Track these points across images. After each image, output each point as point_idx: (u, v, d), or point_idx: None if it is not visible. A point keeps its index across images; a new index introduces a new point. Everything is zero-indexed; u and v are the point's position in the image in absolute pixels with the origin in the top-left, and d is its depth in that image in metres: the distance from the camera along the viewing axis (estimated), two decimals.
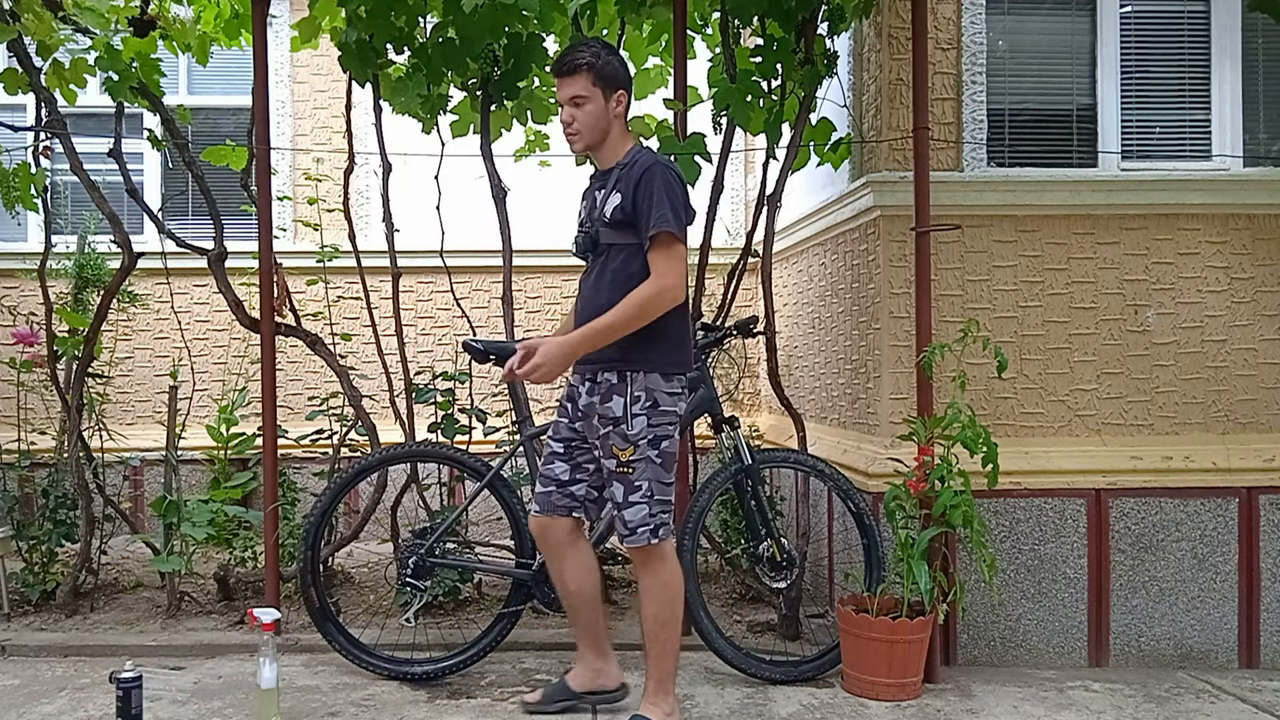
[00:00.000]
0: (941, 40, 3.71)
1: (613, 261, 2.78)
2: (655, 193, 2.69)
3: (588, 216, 2.89)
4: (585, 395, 2.84)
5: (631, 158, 2.80)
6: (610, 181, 2.81)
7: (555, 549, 3.00)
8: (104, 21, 3.86)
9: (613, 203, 2.77)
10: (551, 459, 2.97)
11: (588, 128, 2.78)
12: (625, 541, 2.80)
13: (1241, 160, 3.80)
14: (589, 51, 2.77)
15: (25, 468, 4.27)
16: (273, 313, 3.74)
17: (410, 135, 4.07)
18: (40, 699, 3.15)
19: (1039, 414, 3.70)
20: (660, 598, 2.81)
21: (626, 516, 2.77)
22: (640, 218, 2.71)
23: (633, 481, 2.75)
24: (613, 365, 2.75)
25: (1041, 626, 3.58)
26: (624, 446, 2.74)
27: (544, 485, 2.98)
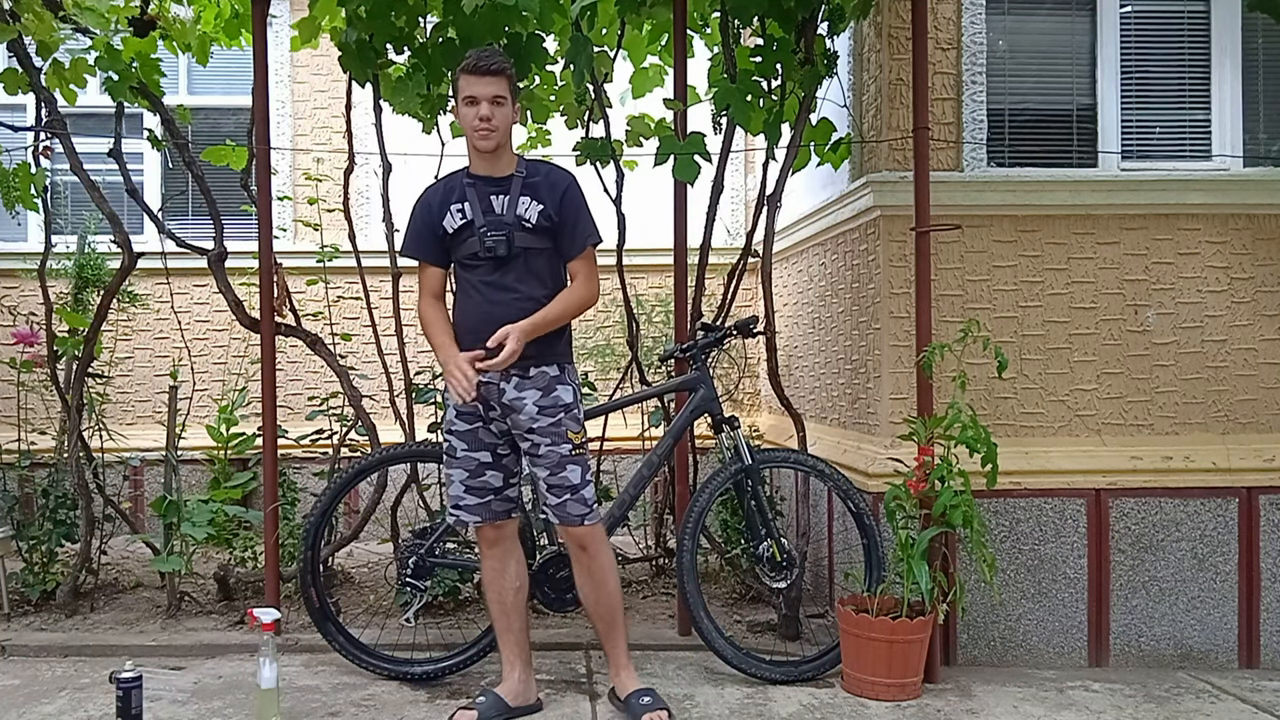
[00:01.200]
0: (941, 40, 3.71)
1: (533, 265, 2.93)
2: (582, 206, 2.96)
3: (487, 220, 2.89)
4: (512, 390, 2.89)
5: (531, 167, 2.97)
6: (514, 187, 2.92)
7: (504, 551, 3.06)
8: (104, 21, 3.86)
9: (536, 209, 2.90)
10: (482, 470, 2.98)
11: (504, 127, 2.91)
12: (587, 520, 2.94)
13: (1241, 160, 3.80)
14: (504, 59, 2.92)
15: (25, 468, 4.27)
16: (273, 313, 3.74)
17: (410, 135, 4.07)
18: (40, 699, 3.15)
19: (1039, 414, 3.70)
20: (614, 572, 3.03)
21: (586, 495, 2.94)
22: (567, 229, 2.93)
23: (585, 461, 2.97)
24: (550, 359, 2.93)
25: (1041, 626, 3.58)
26: (578, 430, 2.94)
27: (480, 496, 2.99)
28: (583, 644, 3.65)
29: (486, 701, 2.97)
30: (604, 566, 3.00)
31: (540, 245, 2.92)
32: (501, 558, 3.06)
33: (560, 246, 2.95)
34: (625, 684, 3.01)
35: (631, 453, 4.66)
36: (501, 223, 2.89)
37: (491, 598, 3.08)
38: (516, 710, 3.00)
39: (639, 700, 2.93)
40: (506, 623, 3.06)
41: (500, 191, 2.93)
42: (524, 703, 3.02)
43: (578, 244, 2.95)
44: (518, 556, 3.10)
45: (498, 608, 3.07)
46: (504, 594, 3.06)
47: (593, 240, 2.98)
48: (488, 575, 3.08)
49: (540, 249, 2.92)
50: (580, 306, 2.98)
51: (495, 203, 2.92)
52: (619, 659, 3.04)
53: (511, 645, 3.06)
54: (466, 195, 2.94)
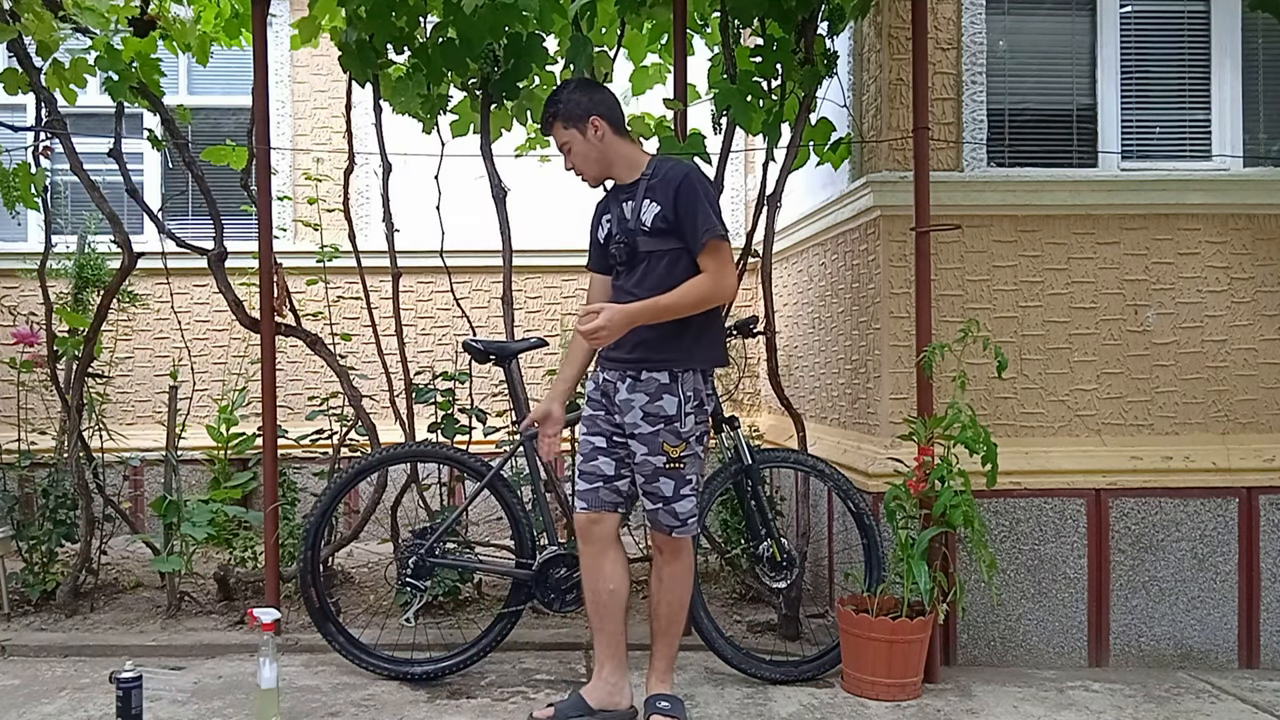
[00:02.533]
0: (941, 40, 3.71)
1: (655, 268, 2.86)
2: (698, 200, 2.83)
3: (619, 228, 2.91)
4: (625, 391, 2.86)
5: (656, 167, 2.91)
6: (639, 192, 2.89)
7: (600, 546, 2.97)
8: (104, 21, 3.86)
9: (652, 211, 2.85)
10: (595, 454, 2.95)
11: (585, 164, 2.95)
12: (675, 533, 2.91)
13: (1241, 160, 3.80)
14: (551, 101, 2.94)
15: (25, 468, 4.27)
16: (273, 313, 3.74)
17: (410, 135, 4.06)
18: (40, 699, 3.15)
19: (1039, 414, 3.70)
20: (685, 582, 2.99)
21: (678, 509, 2.89)
22: (686, 225, 2.83)
23: (684, 476, 2.89)
24: (662, 365, 2.84)
25: (1041, 626, 3.58)
26: (676, 444, 2.85)
27: (589, 482, 2.96)
28: (583, 644, 3.65)
29: (568, 701, 2.94)
30: (674, 575, 2.96)
31: (665, 247, 2.84)
32: (596, 555, 2.97)
33: (686, 245, 2.84)
34: (651, 686, 2.96)
35: None
36: (626, 229, 2.88)
37: (586, 594, 3.04)
38: (599, 715, 2.93)
39: (656, 703, 2.90)
40: (598, 623, 2.99)
41: (629, 198, 2.91)
42: (610, 707, 2.94)
43: (698, 239, 2.81)
44: (614, 556, 2.97)
45: (591, 605, 3.01)
46: (597, 593, 2.98)
47: (713, 233, 2.80)
48: (583, 571, 3.02)
49: (665, 250, 2.84)
50: (701, 298, 2.81)
51: (626, 209, 2.91)
52: (657, 664, 2.98)
53: (601, 645, 3.00)
54: (610, 207, 2.98)
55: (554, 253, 5.48)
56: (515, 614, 3.37)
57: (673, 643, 2.99)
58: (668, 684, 2.97)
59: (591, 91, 2.94)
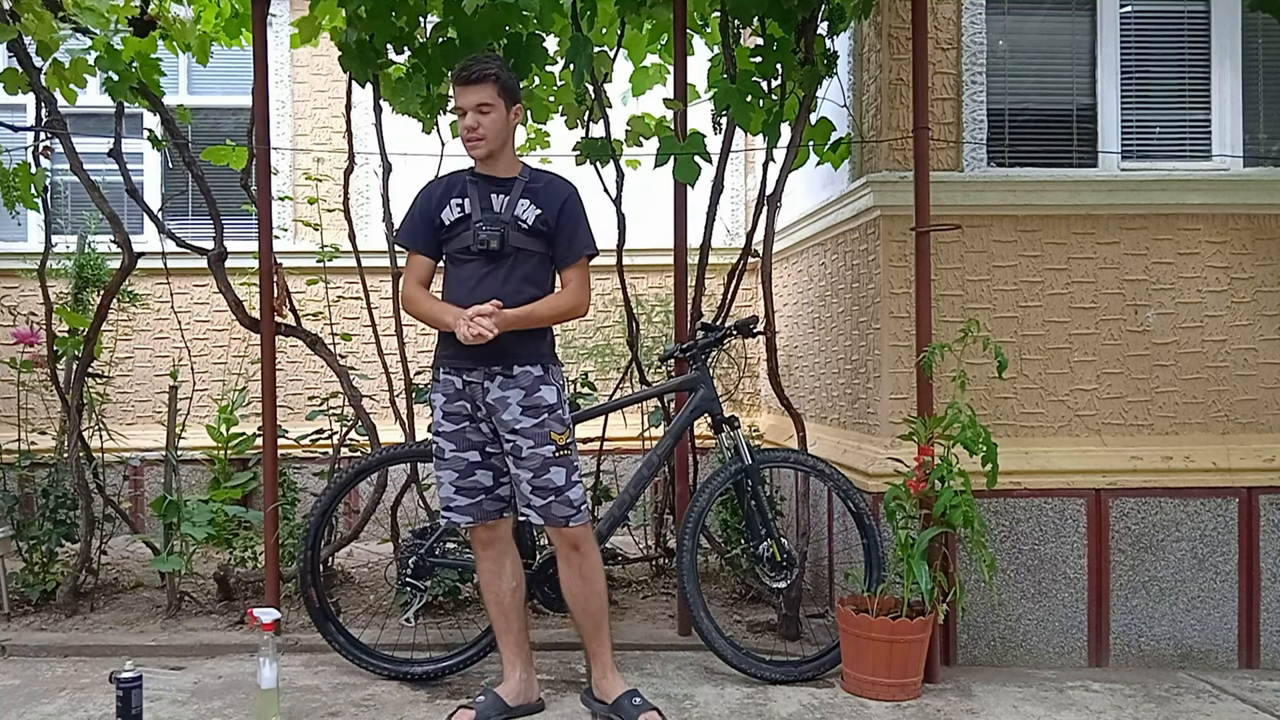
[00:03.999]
0: (941, 40, 3.71)
1: (523, 265, 2.93)
2: (581, 218, 2.98)
3: (485, 217, 2.91)
4: (496, 390, 2.89)
5: (534, 175, 3.00)
6: (515, 191, 2.95)
7: (500, 549, 3.06)
8: (104, 21, 3.86)
9: (534, 212, 2.92)
10: (472, 469, 2.96)
11: (492, 134, 2.91)
12: (573, 521, 2.92)
13: (1241, 160, 3.80)
14: (494, 64, 2.92)
15: (25, 468, 4.27)
16: (273, 313, 3.74)
17: (410, 135, 4.07)
18: (40, 699, 3.15)
19: (1039, 414, 3.70)
20: (600, 573, 3.02)
21: (571, 497, 2.91)
22: (563, 235, 2.95)
23: (572, 463, 2.94)
24: (535, 360, 2.92)
25: (1041, 626, 3.58)
26: (562, 431, 2.91)
27: (470, 496, 2.98)
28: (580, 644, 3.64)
29: (486, 701, 2.96)
30: (594, 566, 2.99)
31: (533, 248, 2.93)
32: (497, 558, 3.05)
33: (555, 253, 2.96)
34: (612, 686, 2.98)
35: (631, 453, 4.66)
36: (498, 220, 2.91)
37: (489, 599, 3.08)
38: (516, 710, 2.99)
39: (631, 701, 2.92)
40: (505, 623, 3.06)
41: (501, 191, 2.95)
42: (524, 702, 3.02)
43: (573, 253, 2.95)
44: (513, 556, 3.09)
45: (495, 609, 3.07)
46: (501, 595, 3.05)
47: (588, 251, 2.97)
48: (484, 576, 3.08)
49: (532, 252, 2.93)
50: (566, 312, 2.97)
51: (495, 201, 2.94)
52: (605, 661, 3.01)
53: (511, 645, 3.06)
54: (468, 191, 2.97)
55: None
56: None
57: (608, 639, 3.03)
58: (620, 681, 2.99)
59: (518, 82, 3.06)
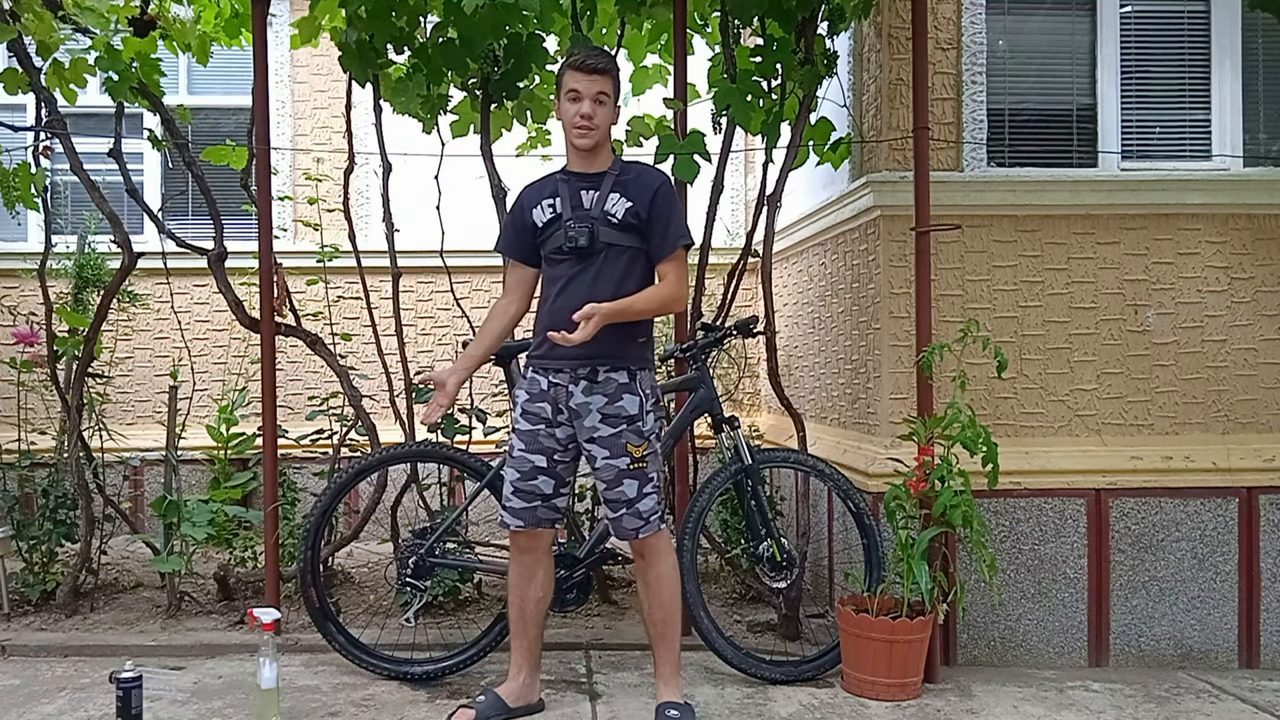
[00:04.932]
0: (941, 40, 3.71)
1: (615, 262, 2.85)
2: (675, 206, 2.90)
3: (575, 214, 2.86)
4: (580, 395, 2.84)
5: (624, 166, 2.93)
6: (605, 185, 2.88)
7: (535, 557, 3.01)
8: (104, 21, 3.86)
9: (624, 206, 2.84)
10: (535, 473, 2.91)
11: (604, 125, 2.90)
12: (642, 533, 2.87)
13: (1241, 160, 3.80)
14: (611, 58, 2.94)
15: (25, 468, 4.27)
16: (273, 313, 3.74)
17: (410, 135, 4.07)
18: (40, 699, 3.15)
19: (1039, 414, 3.70)
20: (673, 582, 2.96)
21: (641, 509, 2.86)
22: (658, 227, 2.87)
23: (646, 475, 2.87)
24: (620, 364, 2.84)
25: (1041, 626, 3.58)
26: (639, 443, 2.85)
27: (526, 500, 2.93)
28: (583, 644, 3.65)
29: (486, 701, 2.96)
30: (660, 576, 2.92)
31: (625, 243, 2.85)
32: (530, 565, 3.00)
33: (650, 246, 2.88)
34: (660, 694, 2.94)
35: None
36: (588, 216, 2.85)
37: (512, 601, 3.03)
38: (516, 710, 2.98)
39: (665, 711, 2.87)
40: (521, 628, 3.02)
41: (591, 187, 2.89)
42: (524, 703, 3.01)
43: (668, 244, 2.86)
44: (547, 568, 3.04)
45: (516, 612, 3.03)
46: (525, 602, 3.01)
47: (684, 241, 2.88)
48: (513, 579, 3.02)
49: (625, 247, 2.85)
50: (664, 304, 2.89)
51: (585, 198, 2.89)
52: (662, 670, 2.95)
53: (522, 650, 3.03)
54: (559, 190, 2.93)
55: None
56: None
57: (673, 646, 2.95)
58: (675, 690, 2.94)
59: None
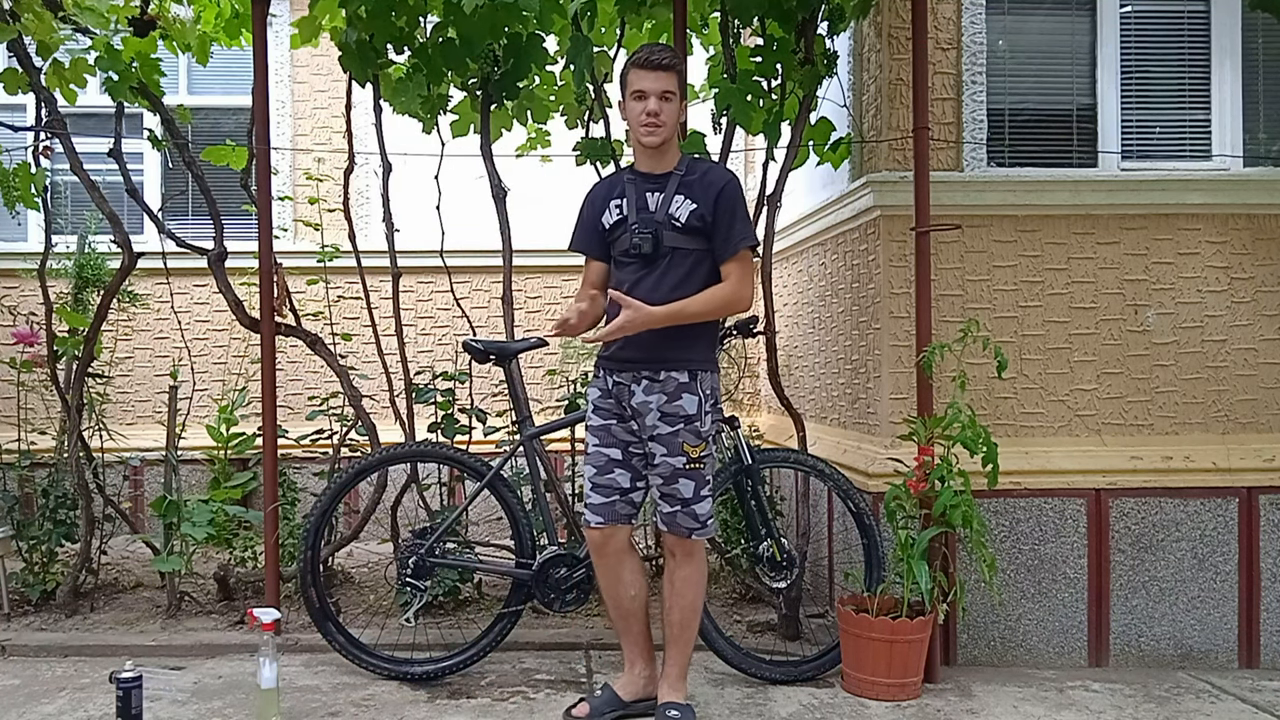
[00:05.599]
0: (941, 40, 3.71)
1: (679, 265, 2.84)
2: (739, 207, 2.85)
3: (640, 217, 2.85)
4: (641, 393, 2.84)
5: (690, 165, 2.89)
6: (671, 186, 2.86)
7: (616, 557, 2.96)
8: (104, 21, 3.86)
9: (688, 208, 2.83)
10: (611, 467, 2.91)
11: (671, 123, 2.87)
12: (696, 535, 2.88)
13: (1241, 160, 3.80)
14: (675, 55, 2.90)
15: (25, 468, 4.27)
16: (273, 313, 3.74)
17: (410, 135, 4.07)
18: (40, 699, 3.15)
19: (1039, 414, 3.70)
20: (699, 585, 2.96)
21: (698, 510, 2.86)
22: (721, 228, 2.83)
23: (703, 476, 2.87)
24: (681, 364, 2.84)
25: (1041, 626, 3.58)
26: (696, 444, 2.84)
27: (605, 495, 2.91)
28: (582, 644, 3.65)
29: (602, 696, 2.96)
30: (687, 579, 2.92)
31: (691, 245, 2.84)
32: (613, 566, 2.96)
33: (714, 247, 2.85)
34: (663, 692, 2.93)
35: None
36: (652, 220, 2.84)
37: (608, 603, 3.03)
38: (632, 705, 2.97)
39: (666, 711, 2.87)
40: (625, 625, 3.01)
41: (657, 189, 2.88)
42: (641, 697, 2.98)
43: (731, 245, 2.83)
44: (632, 564, 2.98)
45: (615, 612, 3.01)
46: (620, 600, 2.99)
47: (747, 243, 2.85)
48: (602, 584, 3.01)
49: (690, 249, 2.84)
50: (726, 306, 2.85)
51: (650, 200, 2.87)
52: (669, 670, 2.95)
53: (630, 645, 3.02)
54: (626, 191, 2.91)
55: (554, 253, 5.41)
56: (515, 614, 3.37)
57: (685, 649, 2.94)
58: (680, 692, 2.94)
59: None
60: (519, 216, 4.03)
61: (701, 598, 2.99)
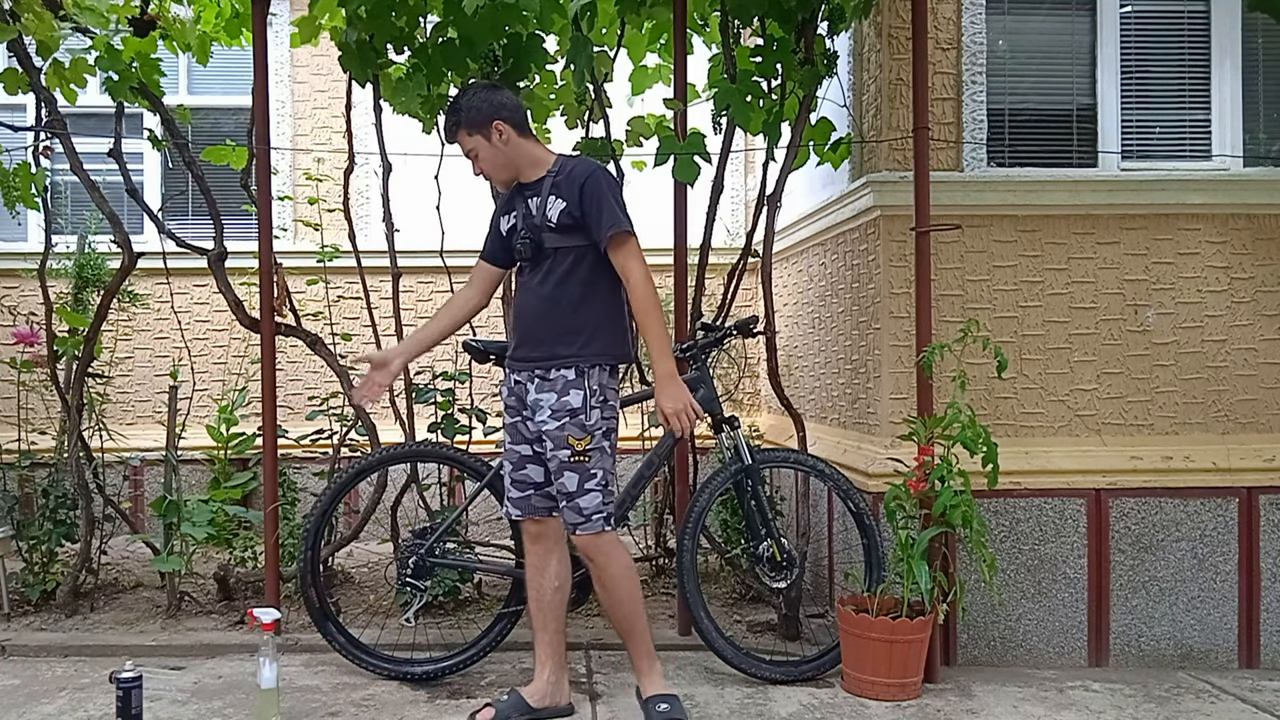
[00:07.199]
0: (941, 40, 3.71)
1: (561, 264, 2.89)
2: (603, 195, 2.84)
3: (524, 224, 2.93)
4: (534, 391, 2.89)
5: (561, 165, 2.94)
6: (544, 189, 2.91)
7: (546, 546, 3.03)
8: (104, 21, 3.86)
9: (558, 207, 2.87)
10: (523, 463, 2.99)
11: (493, 169, 2.96)
12: (580, 530, 2.89)
13: (1241, 160, 3.80)
14: (453, 109, 2.96)
15: (25, 468, 4.27)
16: (273, 313, 3.74)
17: (410, 135, 4.06)
18: (40, 699, 3.15)
19: (1039, 414, 3.70)
20: (628, 578, 2.96)
21: (581, 504, 2.88)
22: (591, 221, 2.85)
23: (588, 470, 2.88)
24: (570, 361, 2.87)
25: (1041, 626, 3.58)
26: (581, 437, 2.86)
27: (520, 490, 3.00)
28: (582, 644, 3.65)
29: (508, 701, 2.95)
30: (612, 576, 2.93)
31: (571, 243, 2.86)
32: (542, 555, 3.03)
33: (594, 241, 2.86)
34: (646, 687, 2.96)
35: (631, 453, 4.64)
36: (532, 225, 2.90)
37: (530, 594, 3.05)
38: (540, 712, 2.97)
39: (656, 706, 2.88)
40: (541, 621, 3.03)
41: (535, 194, 2.93)
42: (550, 704, 2.99)
43: (601, 236, 2.82)
44: (560, 556, 3.04)
45: (534, 605, 3.04)
46: (542, 592, 3.02)
47: (615, 228, 2.81)
48: (528, 571, 3.06)
49: (571, 247, 2.86)
50: (648, 305, 2.81)
51: (532, 205, 2.93)
52: (638, 664, 2.98)
53: (544, 645, 3.02)
54: (515, 204, 2.99)
55: None
56: (515, 614, 3.37)
57: (641, 639, 2.97)
58: (657, 682, 2.95)
59: (492, 95, 2.95)
60: None
61: (632, 588, 2.95)
